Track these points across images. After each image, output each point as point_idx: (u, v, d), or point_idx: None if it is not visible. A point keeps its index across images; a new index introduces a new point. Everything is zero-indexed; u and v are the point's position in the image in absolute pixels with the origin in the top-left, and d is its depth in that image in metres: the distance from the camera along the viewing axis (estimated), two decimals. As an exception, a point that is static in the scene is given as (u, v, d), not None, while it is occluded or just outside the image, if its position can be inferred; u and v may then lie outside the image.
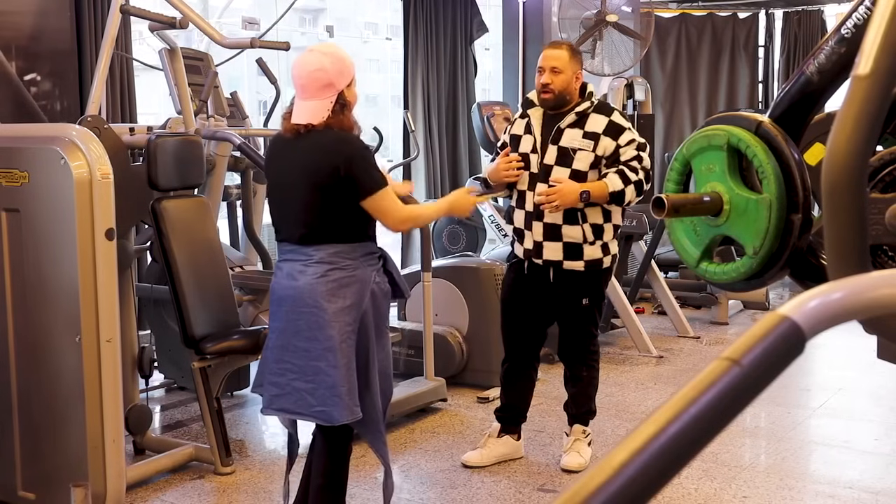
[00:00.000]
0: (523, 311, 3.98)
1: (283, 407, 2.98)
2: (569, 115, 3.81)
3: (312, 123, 2.88)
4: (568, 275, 3.83)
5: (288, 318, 2.93)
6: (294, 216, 2.95)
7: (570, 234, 3.78)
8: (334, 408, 2.87)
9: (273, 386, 2.98)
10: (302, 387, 2.91)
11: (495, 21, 8.83)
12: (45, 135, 3.31)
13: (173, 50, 4.23)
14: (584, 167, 3.76)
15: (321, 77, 2.87)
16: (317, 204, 2.88)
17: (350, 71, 2.93)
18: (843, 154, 1.10)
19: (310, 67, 2.88)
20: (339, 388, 2.86)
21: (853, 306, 0.84)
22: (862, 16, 1.56)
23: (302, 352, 2.90)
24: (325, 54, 2.91)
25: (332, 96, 2.89)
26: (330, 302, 2.86)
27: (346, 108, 2.93)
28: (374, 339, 2.94)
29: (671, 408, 0.77)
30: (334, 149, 2.86)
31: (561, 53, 3.83)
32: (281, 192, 3.01)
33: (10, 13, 4.80)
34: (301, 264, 2.91)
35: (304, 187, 2.89)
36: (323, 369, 2.86)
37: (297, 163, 2.92)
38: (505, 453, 4.06)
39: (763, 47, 9.95)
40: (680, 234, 1.87)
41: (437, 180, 7.92)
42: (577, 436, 4.01)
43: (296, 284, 2.90)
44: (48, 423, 3.31)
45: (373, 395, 2.97)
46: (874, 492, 3.75)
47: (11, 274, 3.32)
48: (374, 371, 2.96)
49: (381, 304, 2.99)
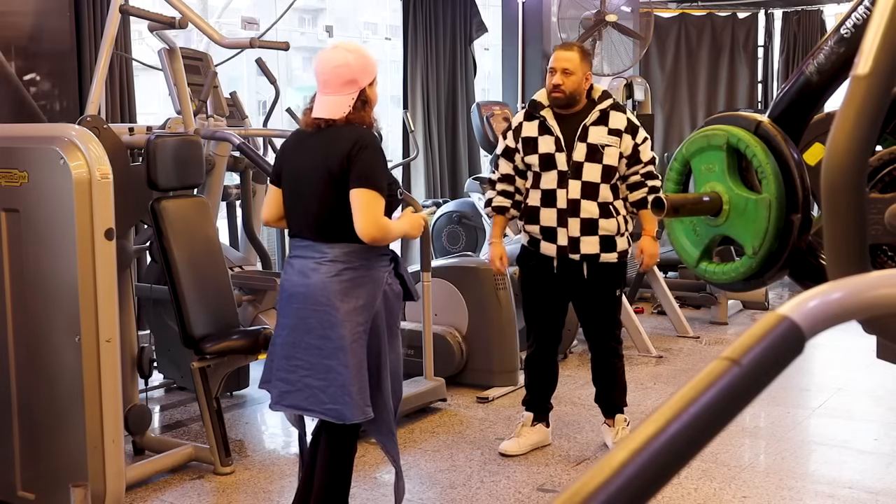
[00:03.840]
0: (553, 306, 4.11)
1: (295, 403, 2.96)
2: (593, 113, 3.92)
3: (333, 118, 2.88)
4: (602, 267, 3.97)
5: (299, 315, 2.92)
6: (309, 210, 2.93)
7: (606, 227, 3.92)
8: (346, 406, 2.86)
9: (283, 382, 2.96)
10: (314, 384, 2.90)
11: (495, 21, 8.82)
12: (45, 135, 3.30)
13: (173, 50, 4.23)
14: (614, 162, 3.91)
15: (344, 73, 2.87)
16: (331, 198, 2.87)
17: (373, 69, 2.94)
18: (843, 154, 1.10)
19: (333, 63, 2.88)
20: (350, 388, 2.85)
21: (853, 306, 0.84)
22: (861, 16, 1.56)
23: (314, 349, 2.89)
24: (350, 51, 2.92)
25: (354, 92, 2.89)
26: (343, 301, 2.85)
27: (368, 105, 2.93)
28: (386, 341, 2.94)
29: (671, 408, 0.77)
30: (349, 141, 2.86)
31: (572, 55, 3.92)
32: (296, 184, 2.99)
33: (10, 13, 4.80)
34: (314, 262, 2.90)
35: (319, 181, 2.88)
36: (334, 368, 2.86)
37: (314, 156, 2.91)
38: (538, 441, 4.24)
39: (762, 47, 9.95)
40: (679, 234, 1.87)
41: (436, 180, 7.92)
42: (621, 425, 4.19)
43: (308, 282, 2.89)
44: (48, 423, 3.31)
45: (384, 396, 2.97)
46: (874, 492, 3.75)
47: (11, 274, 3.32)
48: (386, 372, 2.96)
49: (393, 306, 2.98)
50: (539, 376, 4.22)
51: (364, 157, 2.84)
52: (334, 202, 2.87)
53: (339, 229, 2.88)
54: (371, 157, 2.86)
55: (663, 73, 9.85)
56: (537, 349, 4.17)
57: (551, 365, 4.22)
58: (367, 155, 2.84)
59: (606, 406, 4.23)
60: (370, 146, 2.87)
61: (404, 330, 5.17)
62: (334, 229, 2.88)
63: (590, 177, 3.89)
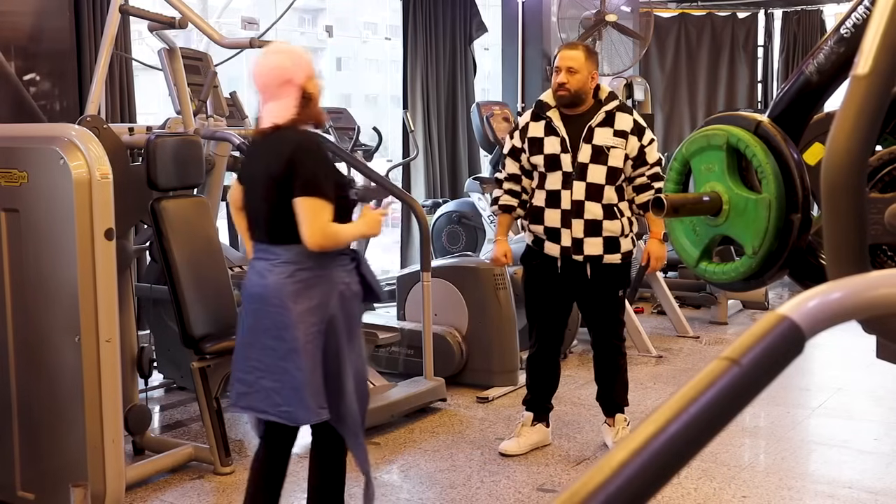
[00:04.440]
0: (556, 306, 4.12)
1: (251, 405, 2.95)
2: (598, 114, 3.94)
3: (280, 123, 2.88)
4: (606, 268, 3.98)
5: (256, 315, 2.92)
6: (260, 214, 2.94)
7: (610, 229, 3.93)
8: (299, 409, 2.85)
9: (240, 383, 2.96)
10: (269, 385, 2.88)
11: (494, 21, 8.82)
12: (45, 135, 3.30)
13: (172, 50, 4.23)
14: (619, 163, 3.92)
15: (280, 74, 2.86)
16: (277, 202, 2.86)
17: (307, 64, 2.91)
18: (843, 154, 1.10)
19: (266, 68, 2.88)
20: (303, 390, 2.83)
21: (852, 306, 0.84)
22: (861, 16, 1.56)
23: (269, 350, 2.88)
24: (279, 52, 2.91)
25: (294, 92, 2.88)
26: (296, 302, 2.84)
27: (312, 101, 2.91)
28: (345, 343, 2.90)
29: (671, 407, 0.77)
30: (289, 145, 2.84)
31: (577, 54, 3.95)
32: (250, 190, 3.00)
33: (10, 13, 4.80)
34: (270, 263, 2.90)
35: (266, 186, 2.88)
36: (289, 370, 2.84)
37: (261, 162, 2.92)
38: (538, 441, 4.24)
39: (762, 47, 9.95)
40: (679, 234, 1.87)
41: (436, 180, 7.92)
42: (621, 425, 4.19)
43: (264, 283, 2.89)
44: (48, 423, 3.31)
45: (347, 398, 2.92)
46: (874, 492, 3.75)
47: (11, 274, 3.32)
48: (347, 374, 2.91)
49: (350, 306, 2.94)
50: (540, 376, 4.23)
51: (306, 163, 2.82)
52: (281, 206, 2.85)
53: (289, 232, 2.86)
54: (313, 164, 2.84)
55: (663, 73, 9.85)
56: (539, 349, 4.17)
57: (553, 365, 4.23)
58: (309, 161, 2.83)
59: (608, 404, 4.23)
60: (311, 150, 2.86)
61: (404, 330, 5.19)
62: (284, 232, 2.87)
63: (594, 178, 3.89)
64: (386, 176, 5.70)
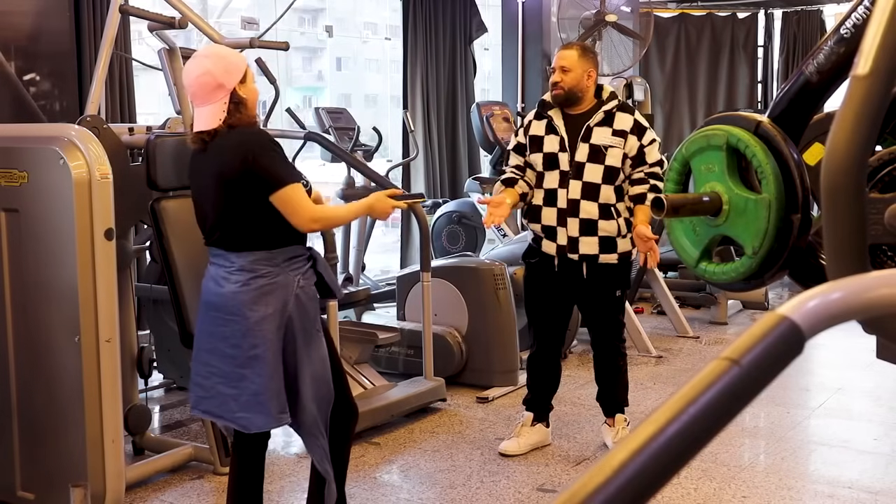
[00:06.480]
0: (555, 305, 4.12)
1: (209, 409, 2.96)
2: (597, 114, 3.94)
3: (212, 128, 2.86)
4: (602, 268, 3.97)
5: (215, 322, 2.91)
6: (211, 220, 2.92)
7: (605, 229, 3.92)
8: (258, 414, 2.85)
9: (198, 387, 2.96)
10: (226, 392, 2.89)
11: (494, 21, 8.82)
12: (45, 135, 3.30)
13: (172, 50, 4.22)
14: (616, 163, 3.92)
15: (208, 81, 2.84)
16: (230, 208, 2.85)
17: (238, 67, 2.89)
18: (843, 154, 1.10)
19: (195, 74, 2.86)
20: (262, 396, 2.83)
21: (852, 306, 0.84)
22: (861, 16, 1.56)
23: (228, 358, 2.87)
24: (207, 57, 2.89)
25: (225, 97, 2.86)
26: (253, 311, 2.83)
27: (242, 105, 2.89)
28: (302, 346, 2.90)
29: (670, 408, 0.77)
30: (240, 145, 2.83)
31: (570, 53, 3.98)
32: (200, 200, 2.99)
33: (10, 13, 4.80)
34: (225, 271, 2.89)
35: (217, 193, 2.87)
36: (247, 376, 2.84)
37: (208, 168, 2.90)
38: (538, 441, 4.24)
39: (762, 47, 9.95)
40: (679, 234, 1.87)
41: (436, 180, 7.92)
42: (621, 425, 4.20)
43: (221, 291, 2.88)
44: (47, 423, 3.31)
45: (304, 401, 2.91)
46: (873, 492, 3.75)
47: (10, 274, 3.32)
48: (303, 379, 2.90)
49: (307, 309, 2.93)
50: (541, 376, 4.23)
51: (263, 162, 2.81)
52: (234, 212, 2.85)
53: (242, 238, 2.86)
54: (270, 160, 2.83)
55: (663, 73, 9.85)
56: (539, 349, 4.18)
57: (554, 365, 4.23)
58: (265, 159, 2.82)
59: (608, 404, 4.23)
60: (263, 145, 2.85)
61: (404, 330, 5.19)
62: (238, 239, 2.87)
63: (591, 177, 3.90)
64: (386, 176, 5.70)
